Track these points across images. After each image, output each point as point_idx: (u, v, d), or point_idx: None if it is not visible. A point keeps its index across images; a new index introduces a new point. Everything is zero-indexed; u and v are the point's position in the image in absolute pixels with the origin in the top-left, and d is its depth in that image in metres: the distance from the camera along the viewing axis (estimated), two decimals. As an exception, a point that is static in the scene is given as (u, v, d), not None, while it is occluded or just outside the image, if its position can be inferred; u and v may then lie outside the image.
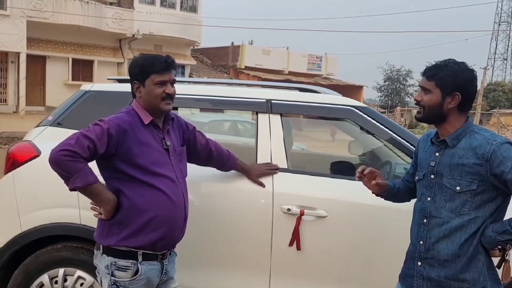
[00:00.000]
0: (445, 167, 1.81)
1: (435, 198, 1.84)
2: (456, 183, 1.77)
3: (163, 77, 2.00)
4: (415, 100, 1.88)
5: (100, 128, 1.89)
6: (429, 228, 1.84)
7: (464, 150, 1.78)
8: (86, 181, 1.84)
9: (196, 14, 23.58)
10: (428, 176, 1.88)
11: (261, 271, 2.52)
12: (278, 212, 2.46)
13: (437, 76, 1.80)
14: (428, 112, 1.84)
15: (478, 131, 1.81)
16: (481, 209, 1.75)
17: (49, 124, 2.73)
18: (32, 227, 2.55)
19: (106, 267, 1.99)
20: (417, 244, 1.88)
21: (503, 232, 1.71)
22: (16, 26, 17.99)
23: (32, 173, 2.57)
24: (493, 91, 46.15)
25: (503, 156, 1.68)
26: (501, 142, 1.72)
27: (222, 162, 2.43)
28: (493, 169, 1.70)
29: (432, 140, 1.91)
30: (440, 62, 1.86)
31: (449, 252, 1.78)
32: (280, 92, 2.84)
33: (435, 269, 1.82)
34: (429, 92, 1.82)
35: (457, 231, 1.77)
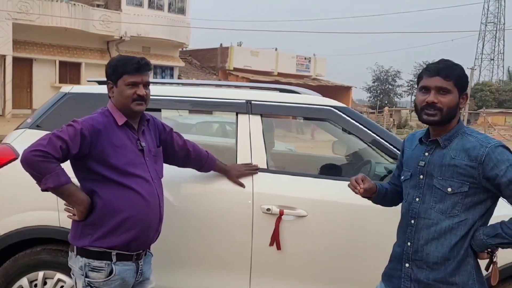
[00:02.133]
0: (436, 168, 1.77)
1: (424, 199, 1.79)
2: (447, 184, 1.74)
3: (135, 78, 2.00)
4: (428, 102, 1.73)
5: (73, 129, 1.89)
6: (417, 229, 1.80)
7: (456, 151, 1.74)
8: (58, 181, 1.84)
9: (184, 16, 23.53)
10: (416, 176, 1.83)
11: (241, 271, 2.53)
12: (258, 212, 2.47)
13: (454, 76, 1.73)
14: (446, 114, 1.73)
15: (470, 132, 1.78)
16: (471, 211, 1.73)
17: (28, 127, 2.72)
18: (10, 230, 2.53)
19: (80, 268, 1.99)
20: (404, 246, 1.83)
21: (495, 235, 1.70)
22: (1, 29, 17.80)
23: (10, 176, 2.55)
24: (481, 91, 46.74)
25: (497, 159, 1.67)
26: (495, 145, 1.70)
27: (201, 163, 2.43)
28: (487, 172, 1.68)
29: (422, 139, 1.86)
30: (439, 60, 1.80)
31: (438, 254, 1.75)
32: (260, 93, 2.86)
33: (423, 271, 1.78)
34: (449, 92, 1.73)
35: (446, 233, 1.74)
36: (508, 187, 1.66)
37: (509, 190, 1.66)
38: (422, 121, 1.78)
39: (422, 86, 1.77)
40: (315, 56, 29.93)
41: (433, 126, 1.80)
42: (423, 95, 1.76)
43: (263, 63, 26.88)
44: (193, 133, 6.43)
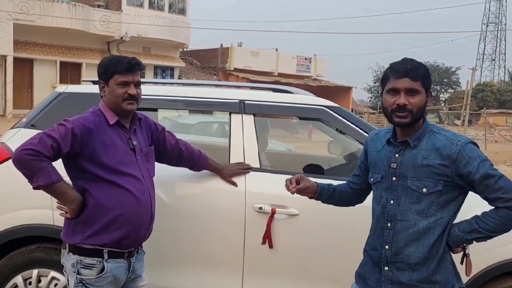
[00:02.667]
0: (408, 169, 1.75)
1: (399, 201, 1.78)
2: (422, 185, 1.73)
3: (125, 78, 2.02)
4: (399, 104, 1.71)
5: (64, 128, 1.91)
6: (394, 232, 1.78)
7: (427, 150, 1.74)
8: (49, 179, 1.86)
9: (184, 17, 23.61)
10: (388, 178, 1.81)
11: (234, 269, 2.54)
12: (251, 211, 2.49)
13: (421, 76, 1.73)
14: (417, 115, 1.72)
15: (438, 130, 1.78)
16: (446, 209, 1.75)
17: (23, 126, 2.74)
18: (5, 228, 2.55)
19: (72, 266, 2.01)
20: (382, 249, 1.81)
21: (471, 231, 1.73)
22: (2, 29, 17.89)
23: (5, 175, 2.56)
24: (482, 92, 46.71)
25: (469, 157, 1.68)
26: (465, 142, 1.71)
27: (193, 162, 2.45)
28: (460, 170, 1.69)
29: (391, 140, 1.83)
30: (403, 60, 1.77)
31: (419, 255, 1.75)
32: (253, 93, 2.88)
33: (405, 272, 1.77)
34: (417, 93, 1.72)
35: (425, 234, 1.74)
36: (481, 183, 1.68)
37: (482, 186, 1.69)
38: (393, 123, 1.77)
39: (390, 88, 1.74)
40: (315, 56, 29.97)
41: (403, 128, 1.77)
42: (393, 97, 1.73)
43: (264, 64, 26.95)
44: (192, 133, 6.45)
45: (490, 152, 17.88)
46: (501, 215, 1.68)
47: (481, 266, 2.45)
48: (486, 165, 1.68)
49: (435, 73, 53.88)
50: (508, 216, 1.67)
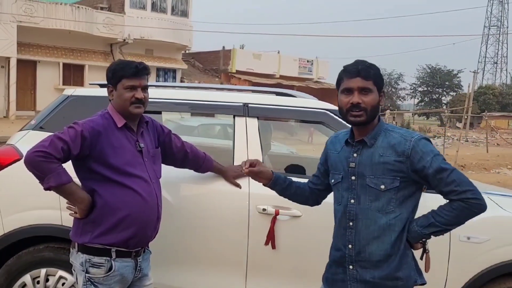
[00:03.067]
0: (366, 167, 1.80)
1: (359, 200, 1.81)
2: (380, 182, 1.77)
3: (133, 82, 2.08)
4: (353, 103, 1.76)
5: (74, 131, 1.97)
6: (357, 231, 1.81)
7: (383, 148, 1.78)
8: (60, 180, 1.92)
9: (187, 19, 23.71)
10: (348, 178, 1.85)
11: (237, 269, 2.59)
12: (254, 212, 2.54)
13: (373, 75, 1.78)
14: (371, 113, 1.78)
15: (392, 129, 1.83)
16: (404, 204, 1.79)
17: (31, 128, 2.80)
18: (14, 228, 2.61)
19: (81, 264, 2.07)
20: (345, 249, 1.84)
21: (428, 225, 1.76)
22: (6, 31, 18.00)
23: (14, 176, 2.63)
24: (484, 95, 46.71)
25: (422, 152, 1.73)
26: (418, 138, 1.77)
27: (198, 164, 2.51)
28: (414, 165, 1.74)
29: (349, 141, 1.88)
30: (355, 62, 1.83)
31: (381, 252, 1.78)
32: (257, 96, 2.92)
33: (369, 270, 1.80)
34: (370, 91, 1.78)
35: (386, 230, 1.77)
36: (435, 177, 1.72)
37: (436, 180, 1.73)
38: (349, 122, 1.83)
39: (344, 88, 1.80)
40: (317, 59, 30.03)
41: (358, 127, 1.82)
42: (347, 97, 1.79)
43: (265, 66, 27.02)
44: (195, 135, 6.52)
45: (492, 155, 17.90)
46: (455, 207, 1.72)
47: (481, 267, 2.50)
48: (439, 160, 1.73)
49: (437, 76, 53.93)
50: (461, 208, 1.71)
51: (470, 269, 2.50)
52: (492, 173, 13.19)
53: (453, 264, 2.50)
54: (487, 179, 10.55)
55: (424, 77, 55.34)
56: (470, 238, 2.49)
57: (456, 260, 2.50)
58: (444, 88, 54.71)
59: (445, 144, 19.83)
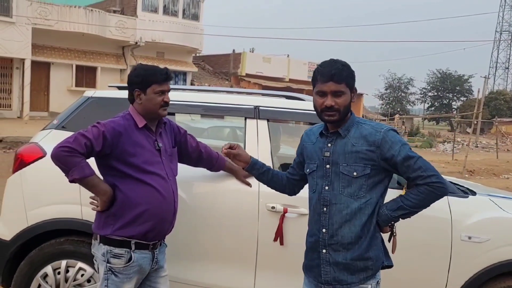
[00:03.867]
0: (340, 156, 1.94)
1: (333, 186, 1.95)
2: (353, 170, 1.91)
3: (163, 87, 2.25)
4: (327, 106, 1.89)
5: (97, 130, 2.13)
6: (330, 215, 1.94)
7: (356, 138, 1.92)
8: (83, 173, 2.07)
9: (198, 22, 23.90)
10: (322, 166, 1.98)
11: (247, 264, 2.71)
12: (264, 210, 2.67)
13: (344, 77, 1.89)
14: (343, 112, 1.92)
15: (363, 122, 1.98)
16: (374, 190, 1.92)
17: (54, 128, 2.95)
18: (37, 222, 2.76)
19: (102, 255, 2.20)
20: (319, 233, 1.97)
21: (397, 208, 1.90)
22: (21, 33, 18.33)
23: (38, 173, 2.78)
24: (495, 100, 46.29)
25: (391, 141, 1.88)
26: (387, 130, 1.92)
27: (211, 163, 2.64)
28: (384, 154, 1.88)
29: (323, 133, 2.02)
30: (329, 63, 1.92)
31: (352, 235, 1.91)
32: (268, 99, 3.04)
33: (340, 253, 1.93)
34: (343, 94, 1.90)
35: (357, 214, 1.91)
36: (403, 164, 1.87)
37: (404, 167, 1.87)
38: (324, 121, 1.98)
39: (318, 90, 1.93)
40: (327, 63, 30.02)
41: (332, 124, 1.97)
42: (321, 99, 1.93)
43: (275, 69, 27.13)
44: (204, 137, 6.65)
45: (502, 161, 17.79)
46: (421, 191, 1.86)
47: (481, 266, 2.59)
48: (406, 148, 1.88)
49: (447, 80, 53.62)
50: (427, 192, 1.85)
51: (471, 267, 2.60)
52: (501, 179, 13.15)
53: (454, 263, 2.60)
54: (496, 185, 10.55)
55: (434, 82, 55.04)
56: (471, 238, 2.58)
57: (458, 258, 2.60)
58: (455, 93, 54.36)
59: (455, 150, 19.76)
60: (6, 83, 19.17)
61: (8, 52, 18.15)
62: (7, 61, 18.90)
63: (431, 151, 22.69)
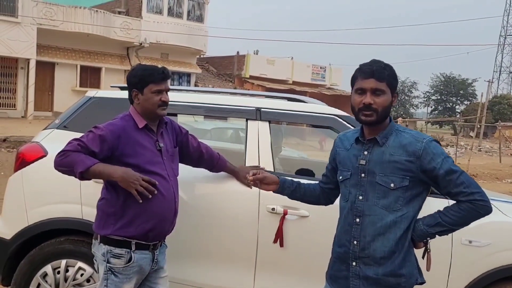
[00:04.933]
0: (377, 165, 1.83)
1: (367, 197, 1.84)
2: (390, 180, 1.80)
3: (160, 87, 2.24)
4: (365, 103, 1.80)
5: (93, 134, 2.14)
6: (363, 227, 1.84)
7: (394, 148, 1.82)
8: (85, 164, 2.07)
9: (202, 24, 23.93)
10: (357, 175, 1.88)
11: (247, 265, 2.71)
12: (264, 211, 2.66)
13: (387, 77, 1.81)
14: (381, 114, 1.82)
15: (403, 130, 1.88)
16: (411, 204, 1.82)
17: (56, 127, 2.96)
18: (37, 221, 2.77)
19: (102, 255, 2.20)
20: (350, 245, 1.87)
21: (435, 224, 1.81)
22: (26, 33, 18.42)
23: (39, 172, 2.79)
24: (498, 104, 46.11)
25: (433, 153, 1.78)
26: (430, 140, 1.81)
27: (212, 164, 2.64)
28: (424, 166, 1.77)
29: (359, 139, 1.91)
30: (371, 61, 1.85)
31: (385, 249, 1.81)
32: (269, 101, 3.04)
33: (371, 267, 1.83)
34: (383, 93, 1.81)
35: (391, 228, 1.80)
36: (445, 178, 1.77)
37: (445, 181, 1.78)
38: (360, 121, 1.86)
39: (358, 88, 1.84)
40: (330, 65, 30.06)
41: (369, 126, 1.86)
42: (360, 97, 1.83)
43: (279, 72, 27.12)
44: (208, 138, 6.66)
45: (505, 165, 17.71)
46: (463, 208, 1.77)
47: (481, 270, 2.58)
48: (449, 162, 1.78)
49: (451, 84, 53.45)
50: (468, 209, 1.76)
51: (471, 272, 2.58)
52: (504, 183, 13.09)
53: (454, 267, 2.58)
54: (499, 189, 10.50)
55: (438, 85, 54.90)
56: (472, 242, 2.57)
57: (458, 262, 2.58)
58: (458, 97, 54.20)
59: (458, 153, 19.69)
60: (11, 83, 19.25)
61: (13, 52, 18.24)
62: (12, 61, 18.99)
63: (435, 155, 22.49)
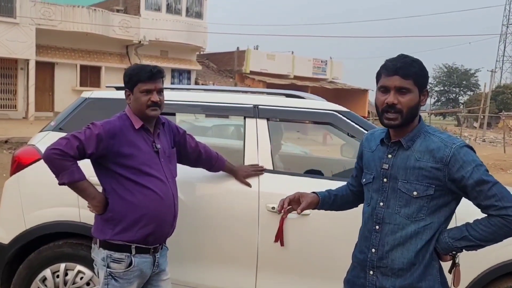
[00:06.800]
0: (400, 170, 1.68)
1: (388, 203, 1.71)
2: (413, 188, 1.66)
3: (148, 86, 2.17)
4: (388, 103, 1.64)
5: (90, 131, 2.09)
6: (382, 236, 1.72)
7: (421, 152, 1.66)
8: (72, 178, 2.05)
9: (201, 20, 23.85)
10: (379, 179, 1.74)
11: (248, 265, 2.67)
12: (264, 210, 2.62)
13: (413, 74, 1.63)
14: (407, 115, 1.65)
15: (433, 132, 1.71)
16: (437, 214, 1.68)
17: (51, 129, 2.92)
18: (35, 225, 2.74)
19: (102, 260, 2.17)
20: (369, 252, 1.75)
21: (461, 238, 1.65)
22: (25, 34, 18.39)
23: (35, 175, 2.76)
24: (502, 94, 45.92)
25: (463, 161, 1.60)
26: (460, 146, 1.63)
27: (211, 164, 2.60)
28: (453, 174, 1.61)
29: (384, 141, 1.76)
30: (397, 57, 1.69)
31: (404, 260, 1.68)
32: (267, 98, 3.00)
33: (389, 278, 1.70)
34: (409, 92, 1.64)
35: (412, 238, 1.67)
36: (474, 189, 1.60)
37: (475, 192, 1.61)
38: (384, 124, 1.71)
39: (381, 85, 1.68)
40: (331, 59, 29.95)
41: (394, 128, 1.71)
42: (383, 96, 1.67)
43: (280, 66, 27.04)
44: (209, 135, 6.62)
45: (510, 155, 17.64)
46: (493, 223, 1.60)
47: (485, 266, 2.54)
48: (481, 171, 1.60)
49: (453, 75, 53.25)
50: (500, 225, 1.59)
51: (476, 267, 2.54)
52: (508, 174, 13.02)
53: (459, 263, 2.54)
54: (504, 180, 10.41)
55: (440, 76, 54.75)
56: (476, 237, 2.52)
57: (462, 259, 2.53)
58: (461, 87, 54.04)
59: (461, 145, 19.56)
60: (11, 84, 19.25)
61: (13, 53, 18.22)
62: (11, 62, 18.98)
63: (438, 146, 22.44)
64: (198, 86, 4.68)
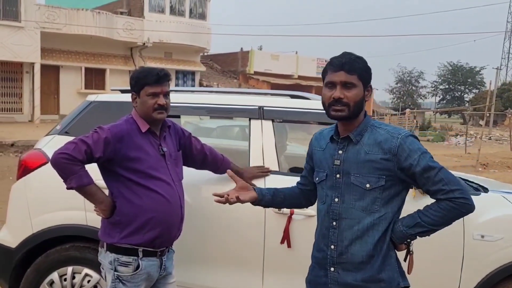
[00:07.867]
0: (352, 165, 1.73)
1: (343, 199, 1.75)
2: (365, 181, 1.70)
3: (155, 89, 2.17)
4: (334, 98, 1.69)
5: (98, 135, 2.09)
6: (340, 231, 1.74)
7: (370, 145, 1.71)
8: (81, 182, 2.05)
9: (205, 22, 23.90)
10: (332, 176, 1.77)
11: (254, 267, 2.67)
12: (270, 212, 2.62)
13: (358, 69, 1.70)
14: (354, 109, 1.70)
15: (379, 125, 1.76)
16: (390, 204, 1.72)
17: (57, 133, 2.93)
18: (42, 228, 2.75)
19: (109, 263, 2.17)
20: (328, 249, 1.77)
21: (414, 225, 1.69)
22: (30, 37, 18.51)
23: (42, 179, 2.77)
24: (507, 91, 45.65)
25: (409, 149, 1.67)
26: (406, 135, 1.70)
27: (216, 166, 2.60)
28: (401, 163, 1.67)
29: (334, 137, 1.81)
30: (341, 54, 1.75)
31: (363, 253, 1.71)
32: (272, 99, 2.99)
33: (350, 273, 1.73)
34: (354, 86, 1.70)
35: (369, 230, 1.71)
36: (422, 176, 1.66)
37: (423, 178, 1.67)
38: (330, 117, 1.75)
39: (327, 81, 1.74)
40: (335, 58, 29.86)
41: (342, 122, 1.76)
42: (330, 91, 1.72)
43: (284, 67, 27.04)
44: (213, 136, 6.62)
45: (515, 153, 17.52)
46: (442, 207, 1.66)
47: (494, 266, 2.51)
48: (427, 158, 1.67)
49: (458, 73, 53.00)
50: (449, 208, 1.65)
51: (484, 267, 2.52)
52: (515, 172, 12.93)
53: (467, 263, 2.52)
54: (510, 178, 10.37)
55: (445, 74, 54.53)
56: (484, 237, 2.51)
57: (470, 258, 2.52)
58: (467, 85, 53.79)
59: (467, 143, 19.50)
60: (16, 87, 19.38)
61: (18, 57, 18.35)
62: (17, 65, 19.10)
63: (444, 144, 22.42)
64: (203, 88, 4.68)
